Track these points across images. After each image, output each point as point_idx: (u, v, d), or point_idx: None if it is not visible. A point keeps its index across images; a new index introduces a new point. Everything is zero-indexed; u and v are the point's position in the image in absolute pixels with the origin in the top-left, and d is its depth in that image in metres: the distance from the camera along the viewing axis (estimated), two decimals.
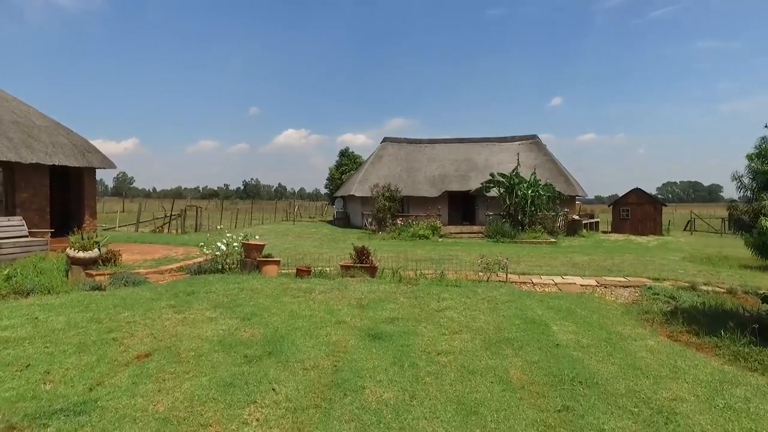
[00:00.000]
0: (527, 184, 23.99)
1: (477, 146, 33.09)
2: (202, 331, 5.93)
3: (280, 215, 39.16)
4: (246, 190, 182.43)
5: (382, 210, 24.36)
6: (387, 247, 17.46)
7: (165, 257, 12.25)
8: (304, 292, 8.27)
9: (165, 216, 22.14)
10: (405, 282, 9.58)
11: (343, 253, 15.27)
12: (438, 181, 30.78)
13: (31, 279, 8.20)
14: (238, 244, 10.47)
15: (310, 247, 17.28)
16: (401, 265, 12.03)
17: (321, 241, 20.20)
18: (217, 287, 8.53)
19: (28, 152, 11.50)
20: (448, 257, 14.74)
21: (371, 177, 30.99)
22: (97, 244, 8.89)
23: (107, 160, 14.09)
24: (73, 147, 13.07)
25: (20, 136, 11.72)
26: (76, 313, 6.55)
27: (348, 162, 39.11)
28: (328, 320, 6.53)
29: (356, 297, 7.96)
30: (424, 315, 6.89)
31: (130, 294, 7.84)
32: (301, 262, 12.87)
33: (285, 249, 16.38)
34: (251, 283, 8.92)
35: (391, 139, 34.92)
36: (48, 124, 13.13)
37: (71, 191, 13.85)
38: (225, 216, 30.11)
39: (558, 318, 6.67)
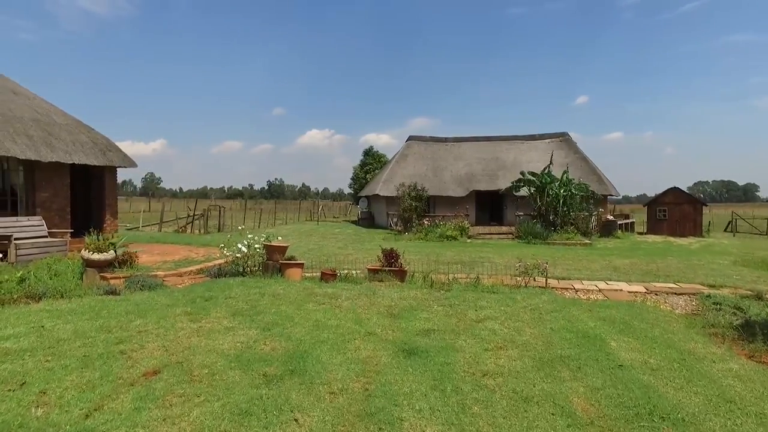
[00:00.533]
0: (559, 183, 23.03)
1: (505, 144, 32.13)
2: (218, 343, 5.37)
3: (303, 215, 38.83)
4: (270, 190, 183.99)
5: (409, 210, 23.69)
6: (414, 249, 16.79)
7: (185, 259, 11.83)
8: (329, 299, 7.67)
9: (188, 216, 21.89)
10: (437, 287, 8.91)
11: (369, 255, 14.68)
12: (465, 181, 29.97)
13: (45, 282, 7.80)
14: (259, 246, 9.95)
15: (335, 248, 16.73)
16: (431, 269, 11.37)
17: (346, 241, 19.64)
18: (237, 292, 8.00)
19: (47, 151, 11.20)
20: (479, 260, 13.99)
21: (396, 176, 30.35)
22: (113, 245, 8.46)
23: (128, 158, 13.77)
24: (93, 145, 12.77)
25: (40, 134, 11.43)
26: (85, 321, 6.06)
27: (372, 161, 38.51)
28: (357, 331, 5.90)
29: (386, 304, 7.33)
30: (462, 326, 6.21)
31: (145, 299, 7.36)
32: (326, 264, 12.31)
33: (309, 250, 15.86)
34: (273, 288, 8.37)
35: (417, 137, 34.21)
36: (69, 122, 12.86)
37: (92, 191, 13.57)
38: (248, 216, 29.85)
39: (614, 332, 5.91)
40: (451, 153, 32.67)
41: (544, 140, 31.55)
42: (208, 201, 65.06)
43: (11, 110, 11.40)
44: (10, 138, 10.49)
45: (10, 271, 8.20)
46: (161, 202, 26.30)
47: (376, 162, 38.33)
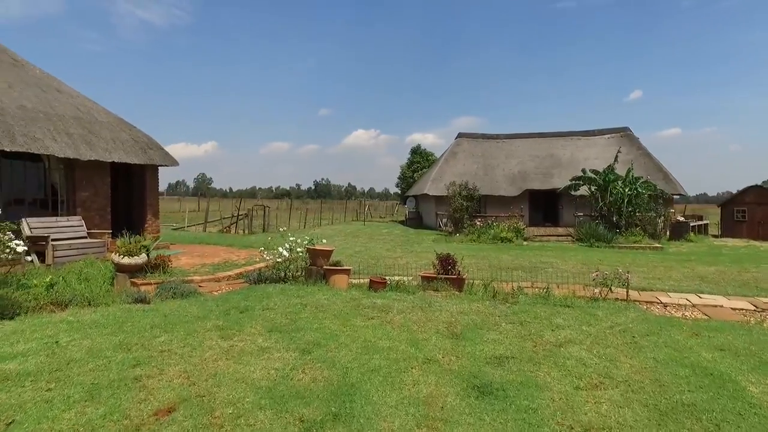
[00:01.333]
0: (623, 181, 21.27)
1: (560, 141, 30.35)
2: (248, 369, 4.50)
3: (350, 215, 38.22)
4: (317, 190, 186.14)
5: (459, 210, 22.51)
6: (467, 252, 15.64)
7: (225, 261, 11.18)
8: (379, 312, 6.72)
9: (232, 216, 21.53)
10: (501, 299, 7.81)
11: (420, 259, 13.67)
12: (518, 179, 28.46)
13: (74, 287, 7.22)
14: (302, 250, 9.12)
15: (383, 251, 15.80)
16: (490, 275, 10.25)
17: (394, 243, 18.70)
18: (276, 302, 7.18)
19: (87, 149, 10.80)
20: (541, 265, 12.72)
21: (445, 175, 29.19)
22: (145, 248, 7.82)
23: (169, 157, 13.32)
24: (134, 143, 12.36)
25: (80, 132, 11.06)
26: (105, 337, 5.35)
27: (420, 160, 37.39)
28: (414, 357, 4.91)
29: (445, 320, 6.31)
30: (540, 352, 5.11)
31: (175, 309, 6.62)
32: (374, 268, 11.39)
33: (355, 252, 15.00)
34: (316, 297, 7.50)
35: (466, 134, 32.91)
36: (110, 120, 12.51)
37: (134, 190, 13.21)
38: (294, 216, 29.44)
39: (745, 369, 4.65)
40: (502, 150, 31.19)
41: (603, 136, 29.59)
42: (254, 201, 65.93)
43: (53, 108, 11.09)
44: (50, 136, 10.13)
45: (43, 274, 7.69)
46: (207, 201, 26.17)
47: (424, 160, 37.17)
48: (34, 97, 10.98)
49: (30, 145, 9.53)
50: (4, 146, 9.01)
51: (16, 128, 9.53)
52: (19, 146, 9.27)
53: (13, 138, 9.30)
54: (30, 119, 10.07)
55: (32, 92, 11.08)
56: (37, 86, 11.48)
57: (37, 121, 10.17)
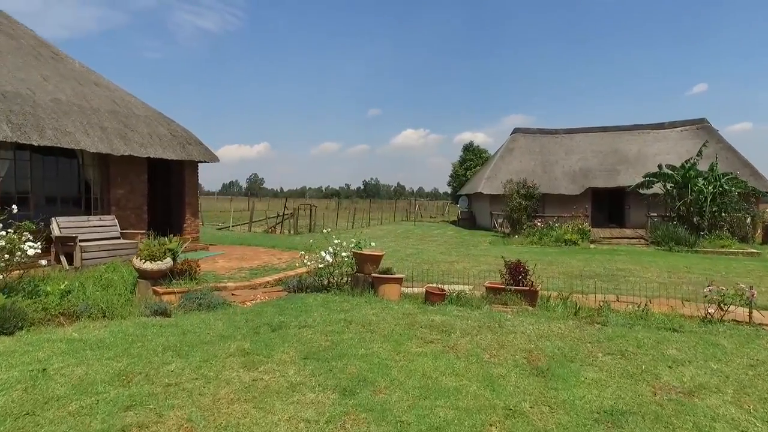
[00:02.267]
0: (705, 178, 19.02)
1: (626, 135, 27.99)
2: (271, 420, 3.37)
3: (399, 215, 37.04)
4: (366, 190, 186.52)
5: (517, 210, 20.89)
6: (530, 256, 14.09)
7: (264, 265, 10.23)
8: (439, 332, 5.49)
9: (277, 216, 20.80)
10: (585, 317, 6.40)
11: (478, 264, 12.31)
12: (579, 177, 26.44)
13: (91, 295, 6.38)
14: (348, 254, 8.00)
15: (436, 253, 14.51)
16: (564, 285, 8.82)
17: (447, 245, 17.36)
18: (316, 317, 6.07)
19: (121, 143, 10.11)
20: (618, 273, 11.08)
21: (501, 172, 27.54)
22: (170, 252, 6.90)
23: (209, 152, 12.55)
24: (172, 138, 11.65)
25: (115, 126, 10.41)
26: (105, 362, 4.37)
27: (473, 157, 35.72)
28: (491, 406, 3.65)
29: (523, 347, 5.00)
30: (668, 406, 3.71)
31: (197, 325, 5.63)
32: (428, 275, 10.15)
33: (407, 255, 13.79)
34: (363, 312, 6.36)
35: (522, 130, 31.06)
36: (148, 114, 11.86)
37: (173, 188, 12.54)
38: (342, 215, 28.59)
39: None
40: (561, 146, 29.17)
41: (675, 128, 27.04)
42: (302, 200, 66.08)
43: (88, 101, 10.49)
44: (82, 130, 9.50)
45: (60, 279, 6.91)
46: (252, 201, 25.69)
47: (477, 158, 35.49)
48: (70, 90, 10.41)
49: (60, 139, 8.89)
50: (33, 140, 8.39)
51: (47, 122, 8.91)
52: (48, 140, 8.64)
53: (43, 132, 8.67)
54: (63, 112, 9.46)
55: (68, 85, 10.53)
56: (75, 79, 10.95)
57: (69, 115, 9.56)
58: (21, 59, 10.18)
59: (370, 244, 8.45)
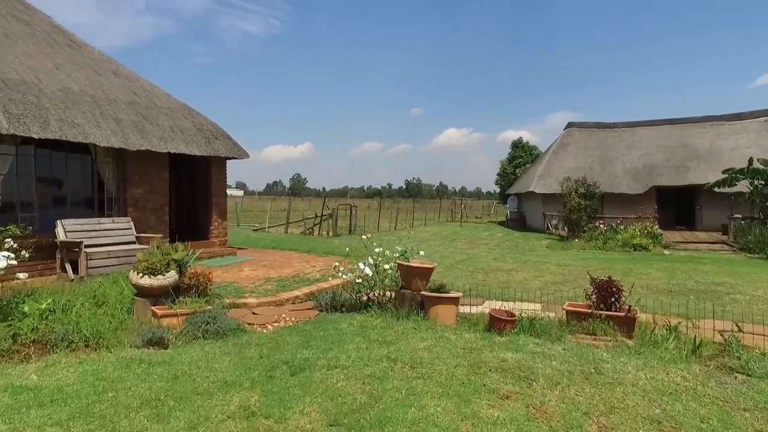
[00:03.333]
0: None
1: (696, 128, 25.36)
2: None
3: (443, 215, 35.30)
4: (408, 189, 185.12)
5: (576, 210, 18.90)
6: (597, 263, 12.32)
7: (295, 274, 8.94)
8: (516, 381, 4.00)
9: (315, 216, 19.62)
10: (709, 356, 4.75)
11: (541, 273, 10.64)
12: (642, 174, 24.11)
13: (78, 316, 5.19)
14: (391, 266, 6.58)
15: (489, 260, 12.90)
16: (654, 305, 7.11)
17: (501, 250, 15.68)
18: (350, 351, 4.69)
19: (137, 137, 9.05)
20: (717, 289, 9.19)
21: (554, 170, 25.51)
22: (176, 263, 5.66)
23: (238, 148, 11.40)
24: (196, 132, 10.54)
25: (132, 117, 9.37)
26: (49, 429, 3.10)
27: (522, 154, 33.58)
28: None
29: (644, 413, 3.45)
30: None
31: (197, 362, 4.33)
32: (484, 287, 8.62)
33: (457, 262, 12.25)
34: (411, 344, 4.93)
35: (577, 124, 28.84)
36: (172, 106, 10.81)
37: (198, 187, 11.48)
38: (384, 215, 27.22)
39: None
40: (621, 141, 26.81)
41: (756, 119, 24.22)
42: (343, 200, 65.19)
43: (104, 92, 9.51)
44: (93, 122, 8.48)
45: (52, 294, 5.79)
46: (289, 200, 24.67)
47: (527, 155, 33.35)
48: (84, 79, 9.45)
49: (66, 131, 7.87)
50: (33, 132, 7.39)
51: (52, 112, 7.92)
52: (51, 133, 7.63)
53: (46, 123, 7.67)
54: (73, 103, 8.47)
55: (83, 74, 9.58)
56: (91, 68, 10.00)
57: (80, 105, 8.56)
58: (33, 46, 9.29)
59: (418, 253, 6.99)
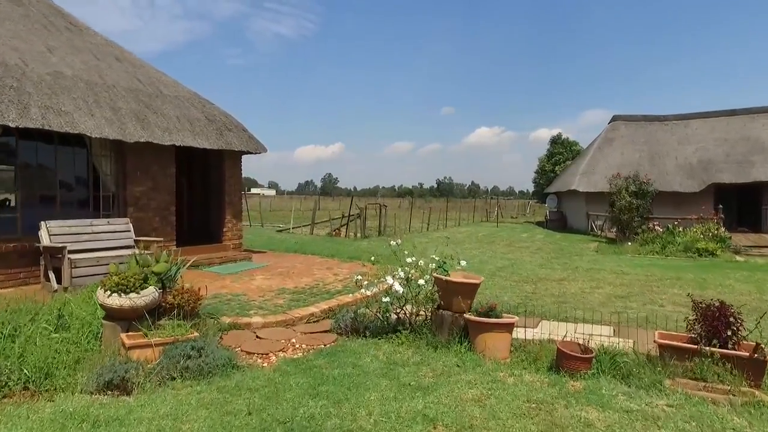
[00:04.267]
0: None
1: (761, 119, 23.07)
2: None
3: (478, 215, 33.60)
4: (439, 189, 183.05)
5: (627, 210, 17.13)
6: (659, 271, 10.69)
7: (314, 285, 7.70)
8: None
9: (342, 216, 18.41)
10: None
11: (598, 284, 9.13)
12: (698, 170, 22.04)
13: (28, 344, 4.05)
14: (426, 281, 5.26)
15: (535, 266, 11.42)
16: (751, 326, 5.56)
17: (545, 254, 14.14)
18: (372, 403, 3.43)
19: (137, 127, 7.98)
20: None
21: (599, 166, 23.70)
22: (157, 277, 4.48)
23: (254, 141, 10.23)
24: (207, 123, 9.44)
25: (133, 106, 8.32)
26: None
27: (562, 150, 31.57)
28: None
29: None
30: None
31: (157, 424, 3.11)
32: (533, 299, 7.24)
33: (498, 269, 10.82)
34: (455, 394, 3.62)
35: (624, 117, 26.83)
36: (179, 94, 9.72)
37: (211, 184, 10.38)
38: (415, 215, 25.87)
39: None
40: (673, 134, 24.72)
41: None
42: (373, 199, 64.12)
43: (102, 77, 8.49)
44: (85, 110, 7.45)
45: (16, 312, 4.69)
46: (316, 200, 23.60)
47: (567, 151, 31.34)
48: (81, 63, 8.45)
49: (51, 120, 6.84)
50: (9, 120, 6.36)
51: (35, 98, 6.89)
52: (31, 121, 6.59)
53: (26, 110, 6.65)
54: (62, 88, 7.45)
55: (79, 58, 8.58)
56: (90, 52, 9.00)
57: (71, 91, 7.54)
58: (24, 26, 8.32)
59: (458, 263, 5.63)
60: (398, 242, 5.95)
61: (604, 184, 21.85)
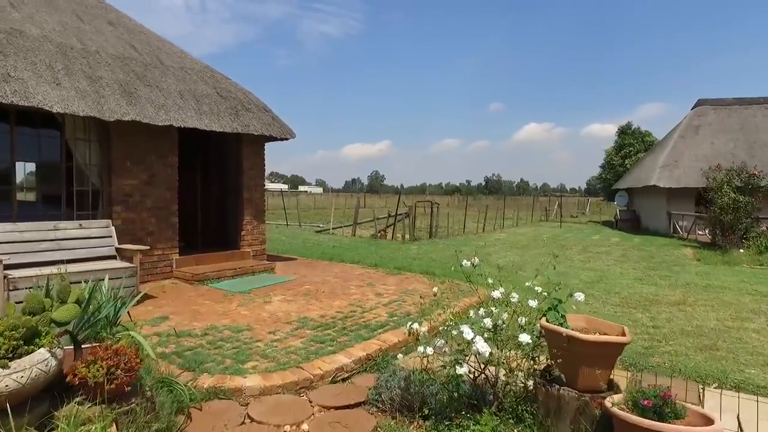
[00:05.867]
0: None
1: None
2: None
3: (530, 213, 30.51)
4: (487, 186, 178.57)
5: (731, 209, 14.10)
6: None
7: (348, 311, 5.59)
8: None
9: (388, 216, 16.27)
10: None
11: (736, 310, 6.55)
12: None
13: None
14: (531, 340, 3.02)
15: (630, 280, 8.91)
16: None
17: (632, 262, 11.52)
18: None
19: (120, 103, 6.13)
20: None
21: (684, 158, 20.55)
22: (62, 327, 2.49)
23: (278, 123, 8.18)
24: (219, 100, 7.54)
25: (120, 76, 6.50)
26: None
27: (633, 141, 28.17)
28: None
29: None
30: None
31: None
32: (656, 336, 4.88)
33: (586, 284, 8.38)
34: None
35: (711, 101, 23.40)
36: (186, 65, 7.86)
37: (228, 176, 8.49)
38: (468, 214, 23.44)
39: None
40: None
41: None
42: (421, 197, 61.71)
43: (82, 40, 6.71)
44: (49, 78, 5.65)
45: None
46: (359, 198, 21.63)
47: (639, 142, 27.95)
48: (56, 23, 6.71)
49: None
50: None
51: None
52: None
53: None
54: (18, 49, 5.68)
55: (55, 18, 6.84)
56: (73, 13, 7.27)
57: (31, 54, 5.77)
58: None
59: (573, 300, 3.34)
60: (475, 261, 3.73)
61: (691, 179, 18.83)
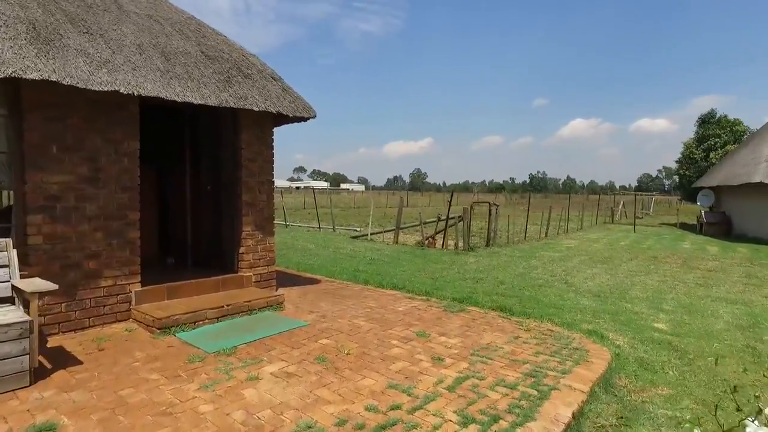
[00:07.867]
0: None
1: None
2: None
3: (592, 214, 26.91)
4: (532, 184, 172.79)
5: None
6: None
7: (385, 407, 3.08)
8: None
9: (438, 219, 13.64)
10: None
11: None
12: None
13: None
14: None
15: None
16: None
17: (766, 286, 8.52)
18: None
19: (34, 55, 3.91)
20: None
21: None
22: None
23: (290, 95, 5.69)
24: (204, 61, 5.23)
25: (38, 16, 4.28)
26: None
27: (719, 132, 24.41)
28: None
29: None
30: None
31: None
32: None
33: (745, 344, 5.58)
34: None
35: None
36: (159, 14, 5.56)
37: (222, 167, 6.17)
38: (520, 214, 20.51)
39: None
40: None
41: None
42: (469, 196, 58.36)
43: None
44: None
45: None
46: (401, 197, 19.07)
47: (728, 133, 24.17)
48: None
49: None
50: None
51: None
52: None
53: None
54: None
55: None
56: None
57: None
58: None
59: None
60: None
61: None
